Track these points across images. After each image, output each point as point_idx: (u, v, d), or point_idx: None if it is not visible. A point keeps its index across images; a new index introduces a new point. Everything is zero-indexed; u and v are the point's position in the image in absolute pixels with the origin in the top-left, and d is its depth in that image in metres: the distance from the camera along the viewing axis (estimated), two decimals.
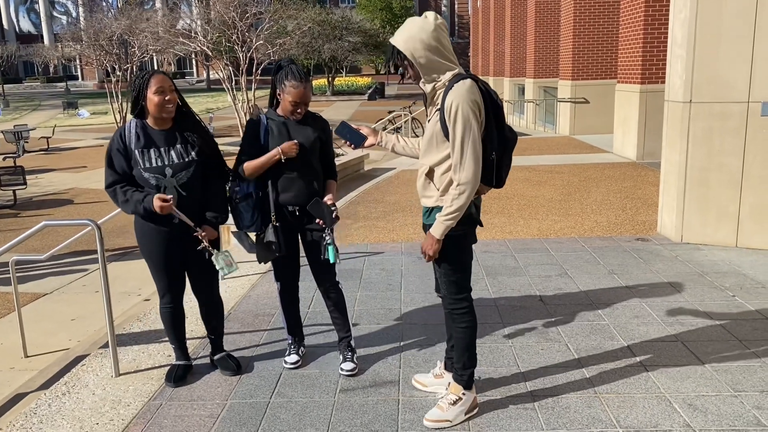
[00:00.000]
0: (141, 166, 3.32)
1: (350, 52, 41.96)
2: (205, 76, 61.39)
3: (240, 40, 18.86)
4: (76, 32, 29.11)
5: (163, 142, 3.36)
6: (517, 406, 3.25)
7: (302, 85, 3.38)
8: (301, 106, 3.45)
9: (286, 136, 3.48)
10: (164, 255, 3.45)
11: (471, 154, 2.76)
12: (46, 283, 6.66)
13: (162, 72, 3.33)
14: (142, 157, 3.32)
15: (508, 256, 5.86)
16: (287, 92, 3.40)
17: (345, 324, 3.75)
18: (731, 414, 3.12)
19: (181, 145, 3.38)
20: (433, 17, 2.80)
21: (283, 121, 3.50)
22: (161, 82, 3.27)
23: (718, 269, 5.29)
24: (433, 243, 2.88)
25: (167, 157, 3.35)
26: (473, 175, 2.78)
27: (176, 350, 3.72)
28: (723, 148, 5.80)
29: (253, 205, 3.52)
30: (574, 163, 11.15)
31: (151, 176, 3.32)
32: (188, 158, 3.38)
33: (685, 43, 5.85)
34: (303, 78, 3.39)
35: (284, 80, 3.40)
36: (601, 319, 4.33)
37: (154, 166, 3.32)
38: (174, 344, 3.71)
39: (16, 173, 11.25)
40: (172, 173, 3.34)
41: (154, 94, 3.25)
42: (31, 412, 3.37)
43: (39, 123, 27.93)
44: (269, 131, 3.48)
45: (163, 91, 3.26)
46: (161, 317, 3.64)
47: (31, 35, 68.79)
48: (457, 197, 2.79)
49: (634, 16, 11.18)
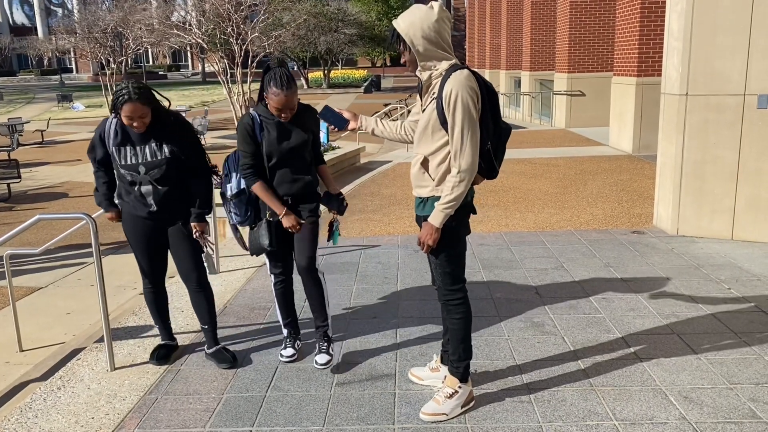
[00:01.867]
0: (118, 163, 3.48)
1: (346, 44, 41.85)
2: (200, 69, 61.19)
3: (235, 32, 18.78)
4: (71, 25, 28.94)
5: (138, 140, 3.47)
6: (514, 398, 3.25)
7: (283, 93, 3.33)
8: (285, 111, 3.42)
9: (280, 138, 3.47)
10: (143, 237, 3.63)
11: (470, 141, 2.76)
12: (41, 277, 6.64)
13: (138, 98, 3.31)
14: (119, 154, 3.47)
15: (504, 249, 5.85)
16: (270, 98, 3.39)
17: (322, 312, 3.70)
18: (727, 406, 3.13)
19: (155, 143, 3.47)
20: (438, 8, 2.80)
21: (277, 121, 3.48)
22: (131, 112, 3.33)
23: (713, 262, 5.30)
24: (433, 232, 2.88)
25: (141, 154, 3.47)
26: (472, 163, 2.79)
27: (160, 329, 3.91)
28: (719, 140, 5.80)
29: (246, 200, 3.59)
30: (570, 156, 11.15)
31: (126, 173, 3.48)
32: (161, 156, 3.48)
33: (681, 35, 5.84)
34: (285, 85, 3.33)
35: (268, 85, 3.38)
36: (597, 311, 4.33)
37: (129, 163, 3.47)
38: (157, 324, 3.90)
39: (11, 167, 11.19)
40: (145, 170, 3.47)
41: (124, 117, 3.37)
42: (27, 407, 3.36)
43: (33, 116, 27.78)
44: (264, 130, 3.47)
45: (131, 119, 3.36)
46: (145, 298, 3.84)
47: (25, 27, 68.41)
48: (458, 184, 2.79)
49: (631, 9, 11.16)
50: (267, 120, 3.47)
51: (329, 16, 39.70)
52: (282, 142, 3.46)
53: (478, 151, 2.80)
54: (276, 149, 3.46)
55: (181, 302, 4.71)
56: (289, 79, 3.37)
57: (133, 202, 3.54)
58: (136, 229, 3.61)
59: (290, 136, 3.48)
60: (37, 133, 20.35)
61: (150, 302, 3.83)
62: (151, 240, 3.64)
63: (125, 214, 3.63)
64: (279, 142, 3.46)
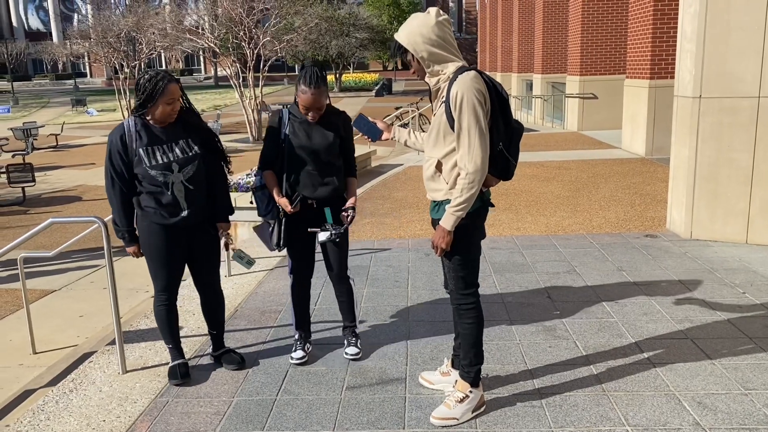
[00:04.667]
0: (147, 164, 3.29)
1: (357, 48, 41.91)
2: (212, 73, 61.49)
3: (247, 36, 18.86)
4: (85, 30, 29.21)
5: (166, 138, 3.36)
6: (525, 403, 3.23)
7: (311, 91, 3.36)
8: (313, 111, 3.45)
9: (303, 138, 3.49)
10: (170, 250, 3.44)
11: (478, 143, 2.75)
12: (54, 280, 6.69)
13: (175, 80, 3.30)
14: (147, 155, 3.30)
15: (515, 253, 5.83)
16: (299, 96, 3.43)
17: (351, 314, 3.88)
18: (741, 412, 3.09)
19: (183, 140, 3.39)
20: (435, 12, 2.81)
21: (304, 119, 3.51)
22: (173, 93, 3.25)
23: (727, 266, 5.25)
24: (445, 235, 2.87)
25: (171, 153, 3.35)
26: (481, 164, 2.77)
27: (172, 350, 3.64)
28: (733, 143, 5.74)
29: (268, 195, 3.59)
30: (582, 159, 11.10)
31: (158, 173, 3.31)
32: (192, 152, 3.40)
33: (694, 37, 5.79)
34: (314, 84, 3.36)
35: (298, 83, 3.42)
36: (610, 316, 4.30)
37: (161, 162, 3.31)
38: (170, 344, 3.62)
39: (25, 170, 11.31)
40: (178, 168, 3.35)
41: (164, 103, 3.26)
42: (39, 409, 3.38)
43: (48, 120, 28.05)
44: (290, 126, 3.51)
45: (173, 101, 3.27)
46: (156, 316, 3.58)
47: (40, 33, 69.11)
48: (467, 186, 2.78)
49: (643, 11, 11.09)
50: (294, 117, 3.52)
51: (341, 20, 39.80)
52: (304, 141, 3.49)
53: (487, 153, 2.79)
54: (297, 148, 3.49)
55: (192, 305, 4.72)
56: (319, 79, 3.38)
57: (162, 209, 3.34)
58: (162, 239, 3.39)
59: (313, 137, 3.51)
60: (51, 137, 20.54)
61: (163, 319, 3.56)
62: (177, 249, 3.45)
63: (149, 225, 3.39)
64: (301, 141, 3.49)
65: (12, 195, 11.67)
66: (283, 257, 5.87)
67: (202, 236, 3.53)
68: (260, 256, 5.87)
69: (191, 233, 3.49)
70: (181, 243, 3.47)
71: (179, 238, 3.45)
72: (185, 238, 3.48)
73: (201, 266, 3.62)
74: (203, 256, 3.59)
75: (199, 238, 3.53)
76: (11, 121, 27.82)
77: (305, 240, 3.66)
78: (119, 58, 23.16)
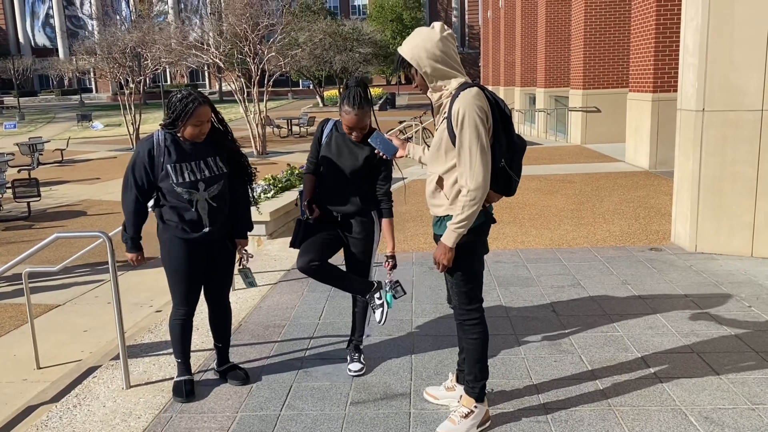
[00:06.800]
0: (174, 181, 3.30)
1: (361, 63, 42.09)
2: (217, 88, 61.86)
3: (252, 52, 18.98)
4: (91, 45, 29.44)
5: (195, 155, 3.35)
6: (530, 418, 3.21)
7: (354, 112, 3.40)
8: (355, 131, 3.48)
9: (334, 152, 3.55)
10: (190, 264, 3.44)
11: (479, 160, 2.75)
12: (59, 295, 6.70)
13: (207, 102, 3.30)
14: (176, 172, 3.30)
15: (520, 267, 5.82)
16: (342, 115, 3.47)
17: (361, 327, 3.89)
18: (748, 427, 3.07)
19: (211, 158, 3.41)
20: (439, 27, 2.82)
21: (342, 134, 3.56)
22: (204, 116, 3.26)
23: (733, 279, 5.22)
24: (446, 252, 2.86)
25: (199, 172, 3.35)
26: (483, 181, 2.76)
27: (181, 365, 3.62)
28: (737, 156, 5.74)
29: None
30: (586, 173, 11.09)
31: (183, 191, 3.32)
32: (219, 171, 3.42)
33: (697, 51, 5.81)
34: (358, 105, 3.38)
35: (342, 103, 3.46)
36: (615, 330, 4.28)
37: (188, 180, 3.32)
38: (180, 358, 3.61)
39: (31, 185, 11.36)
40: (204, 187, 3.37)
41: (193, 125, 3.27)
42: (43, 425, 3.37)
43: (53, 135, 28.23)
44: (330, 138, 3.58)
45: (201, 123, 3.28)
46: (171, 330, 3.57)
47: (47, 49, 69.67)
48: (468, 204, 2.78)
49: (646, 25, 11.14)
50: (336, 132, 3.59)
51: (345, 35, 40.01)
52: (333, 156, 3.55)
53: (489, 170, 2.78)
54: (325, 160, 3.57)
55: (196, 320, 4.69)
56: (362, 100, 3.40)
57: (184, 225, 3.36)
58: (183, 252, 3.40)
59: (342, 154, 3.55)
60: (57, 152, 20.66)
61: (178, 334, 3.55)
62: (197, 263, 3.46)
63: (170, 238, 3.40)
64: (331, 154, 3.56)
65: (17, 210, 11.72)
66: (286, 272, 5.87)
67: (221, 251, 3.57)
68: (263, 271, 5.87)
69: (211, 248, 3.52)
70: (200, 257, 3.49)
71: (199, 253, 3.47)
72: (205, 253, 3.50)
73: (216, 281, 3.64)
74: (220, 271, 3.61)
75: (218, 253, 3.56)
76: (17, 136, 28.00)
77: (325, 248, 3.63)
78: (124, 73, 23.30)
